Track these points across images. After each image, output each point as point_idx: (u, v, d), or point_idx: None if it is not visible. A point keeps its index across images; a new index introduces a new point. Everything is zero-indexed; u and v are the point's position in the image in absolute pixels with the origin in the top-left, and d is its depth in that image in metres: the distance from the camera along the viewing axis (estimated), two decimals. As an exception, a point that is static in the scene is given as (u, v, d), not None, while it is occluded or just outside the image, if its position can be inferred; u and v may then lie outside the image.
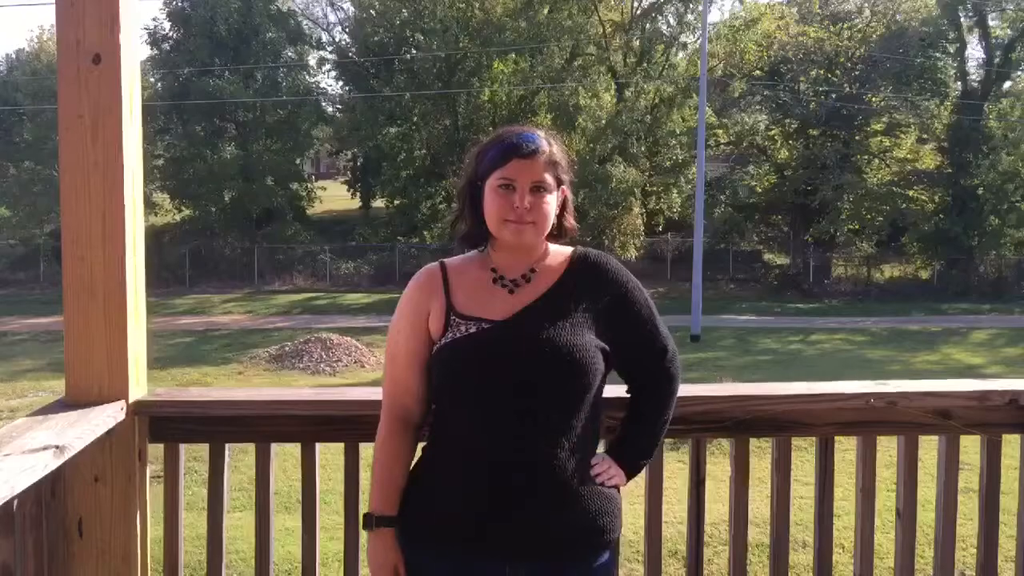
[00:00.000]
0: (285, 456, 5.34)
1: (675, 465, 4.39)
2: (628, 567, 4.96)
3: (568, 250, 2.03)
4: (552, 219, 1.94)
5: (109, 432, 2.12)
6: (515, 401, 1.83)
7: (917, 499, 2.48)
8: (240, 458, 6.94)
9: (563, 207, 1.98)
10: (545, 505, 1.84)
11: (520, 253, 1.96)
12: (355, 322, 20.68)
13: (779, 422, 2.39)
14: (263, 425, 2.32)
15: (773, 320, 22.96)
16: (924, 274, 30.48)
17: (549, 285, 1.94)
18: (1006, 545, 2.57)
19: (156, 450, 2.32)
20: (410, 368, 1.94)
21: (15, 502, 1.93)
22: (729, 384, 2.21)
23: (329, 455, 3.09)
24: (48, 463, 1.79)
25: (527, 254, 1.96)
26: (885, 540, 2.52)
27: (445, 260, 2.01)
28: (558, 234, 2.00)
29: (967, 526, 2.66)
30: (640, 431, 2.05)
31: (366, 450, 2.38)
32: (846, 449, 2.59)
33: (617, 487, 1.99)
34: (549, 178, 1.91)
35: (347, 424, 2.32)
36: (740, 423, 2.36)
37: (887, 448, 2.52)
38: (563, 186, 1.96)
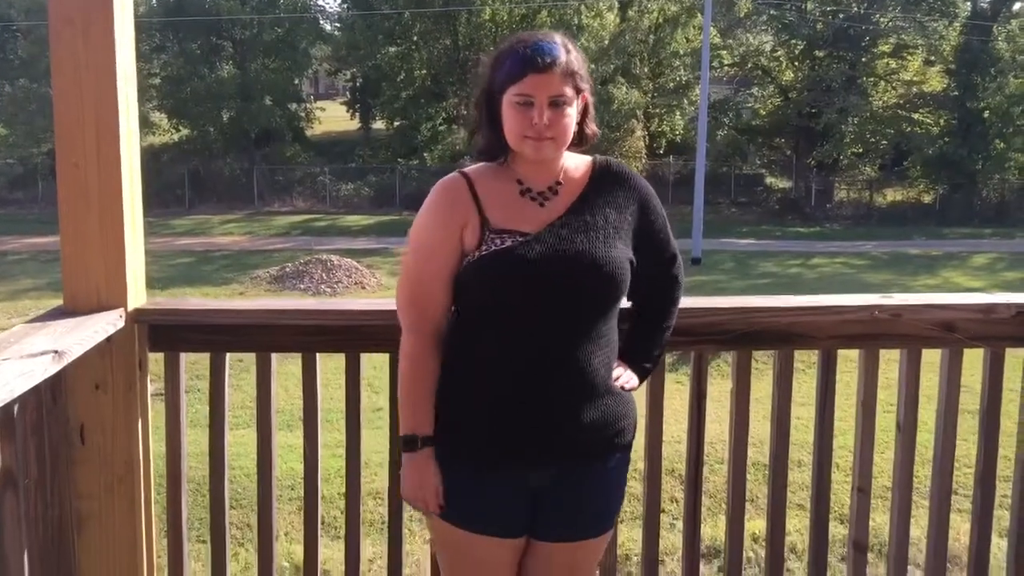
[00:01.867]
0: (286, 376, 5.35)
1: (674, 386, 4.41)
2: (627, 485, 5.03)
3: (588, 160, 2.01)
4: (572, 132, 1.90)
5: (108, 340, 2.11)
6: (551, 311, 1.85)
7: (918, 415, 2.48)
8: (242, 377, 6.96)
9: (584, 114, 1.94)
10: (579, 409, 1.88)
11: (542, 166, 1.94)
12: (355, 244, 20.65)
13: (782, 334, 2.38)
14: (263, 335, 2.30)
15: (774, 244, 22.93)
16: (927, 198, 30.31)
17: (575, 196, 1.94)
18: (1002, 466, 2.58)
19: (157, 365, 2.31)
20: (440, 282, 1.91)
21: (15, 407, 1.93)
22: (733, 296, 2.19)
23: (329, 374, 3.10)
24: (47, 368, 1.78)
25: (550, 167, 1.94)
26: (880, 459, 2.53)
27: (466, 170, 1.96)
28: (579, 142, 1.96)
29: (963, 447, 2.66)
30: (648, 336, 2.09)
31: (366, 361, 2.39)
32: (845, 371, 2.58)
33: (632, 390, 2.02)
34: (568, 90, 1.86)
35: (346, 335, 2.30)
36: (743, 335, 2.35)
37: (885, 371, 2.50)
38: (583, 93, 1.91)
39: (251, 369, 2.39)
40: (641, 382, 2.07)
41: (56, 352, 1.81)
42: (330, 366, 2.94)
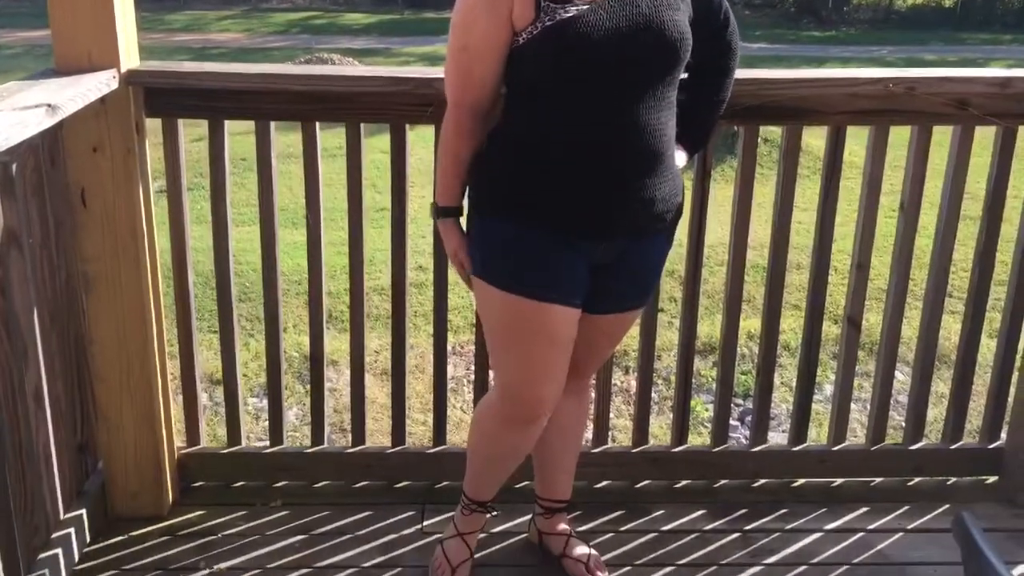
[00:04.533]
0: (288, 176, 5.30)
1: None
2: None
3: None
4: None
5: (103, 101, 2.06)
6: (618, 81, 1.77)
7: (922, 195, 2.46)
8: (245, 176, 6.93)
9: None
10: (648, 183, 1.84)
11: None
12: (356, 43, 20.08)
13: (792, 108, 2.32)
14: (261, 102, 2.25)
15: (787, 48, 22.26)
16: (947, 2, 29.18)
17: None
18: (998, 270, 2.60)
19: (156, 146, 2.28)
20: (489, 59, 1.81)
21: (14, 167, 1.92)
22: (743, 69, 2.13)
23: (332, 175, 3.05)
24: (41, 120, 1.74)
25: None
26: (879, 256, 2.53)
27: None
28: None
29: (961, 251, 2.67)
30: (700, 110, 2.04)
31: (368, 161, 2.36)
32: (848, 177, 2.55)
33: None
34: None
35: (346, 103, 2.25)
36: (752, 108, 2.29)
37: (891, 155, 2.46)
38: None
39: (250, 156, 2.36)
40: (689, 158, 2.04)
41: (50, 106, 1.77)
42: (331, 167, 2.90)
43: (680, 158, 1.98)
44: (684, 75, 1.93)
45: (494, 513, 2.26)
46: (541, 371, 1.94)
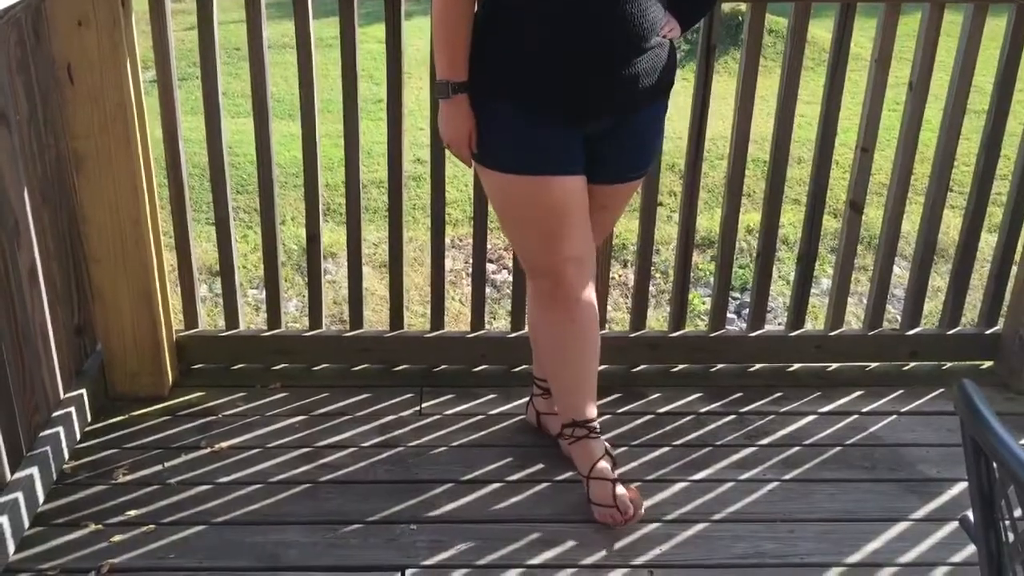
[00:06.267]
0: (285, 66, 5.16)
1: (679, 84, 4.29)
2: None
3: None
4: None
5: (87, -29, 1.99)
6: None
7: (931, 76, 2.40)
8: (239, 65, 6.79)
9: None
10: (634, 58, 1.81)
11: None
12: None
13: (800, -17, 2.25)
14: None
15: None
16: None
17: None
18: (1001, 164, 2.55)
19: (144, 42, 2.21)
20: None
21: (-5, 41, 1.86)
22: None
23: (328, 66, 2.97)
24: (21, -13, 1.69)
25: None
26: (881, 160, 2.48)
27: None
28: None
29: (964, 145, 2.62)
30: None
31: (363, 50, 2.28)
32: (853, 69, 2.48)
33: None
34: None
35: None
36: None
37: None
38: None
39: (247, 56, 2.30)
40: (684, 32, 1.98)
41: (30, -28, 1.71)
42: (328, 57, 2.82)
43: (674, 29, 1.92)
44: None
45: (599, 434, 2.13)
46: (559, 239, 1.92)
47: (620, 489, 2.06)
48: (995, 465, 1.07)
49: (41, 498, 2.04)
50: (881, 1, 2.31)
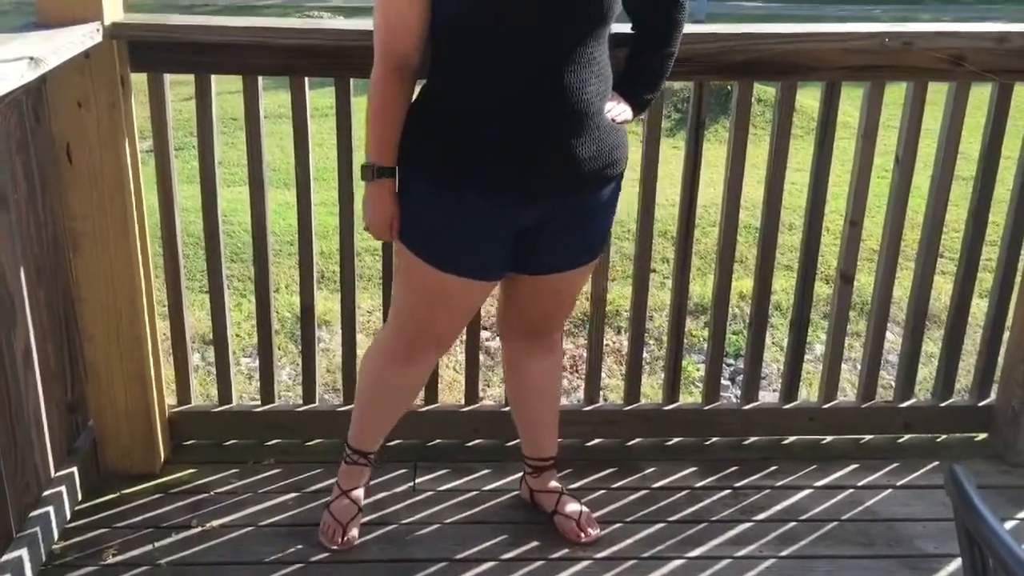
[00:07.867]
0: (281, 136, 5.21)
1: (671, 151, 4.33)
2: (618, 244, 5.07)
3: None
4: None
5: (87, 54, 2.03)
6: (536, 33, 1.71)
7: (917, 150, 2.45)
8: (235, 135, 6.86)
9: None
10: (571, 143, 1.78)
11: None
12: (350, 0, 19.88)
13: (786, 63, 2.30)
14: (248, 56, 2.21)
15: (782, 7, 22.10)
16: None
17: None
18: (990, 231, 2.59)
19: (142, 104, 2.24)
20: (413, 5, 1.74)
21: (-3, 122, 1.89)
22: (736, 24, 2.10)
23: (324, 135, 3.01)
24: (24, 73, 1.71)
25: None
26: (871, 217, 2.52)
27: None
28: None
29: (953, 211, 2.66)
30: (646, 64, 1.98)
31: (356, 120, 2.31)
32: (842, 137, 2.53)
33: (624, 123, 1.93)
34: None
35: (334, 57, 2.21)
36: (745, 64, 2.27)
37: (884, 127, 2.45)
38: None
39: (238, 110, 2.33)
40: (636, 115, 1.99)
41: (32, 58, 1.74)
42: (324, 127, 2.86)
43: (623, 113, 1.91)
44: (632, 30, 1.94)
45: (376, 466, 2.29)
46: (442, 322, 2.01)
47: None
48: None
49: (30, 581, 2.02)
50: (864, 80, 2.36)
